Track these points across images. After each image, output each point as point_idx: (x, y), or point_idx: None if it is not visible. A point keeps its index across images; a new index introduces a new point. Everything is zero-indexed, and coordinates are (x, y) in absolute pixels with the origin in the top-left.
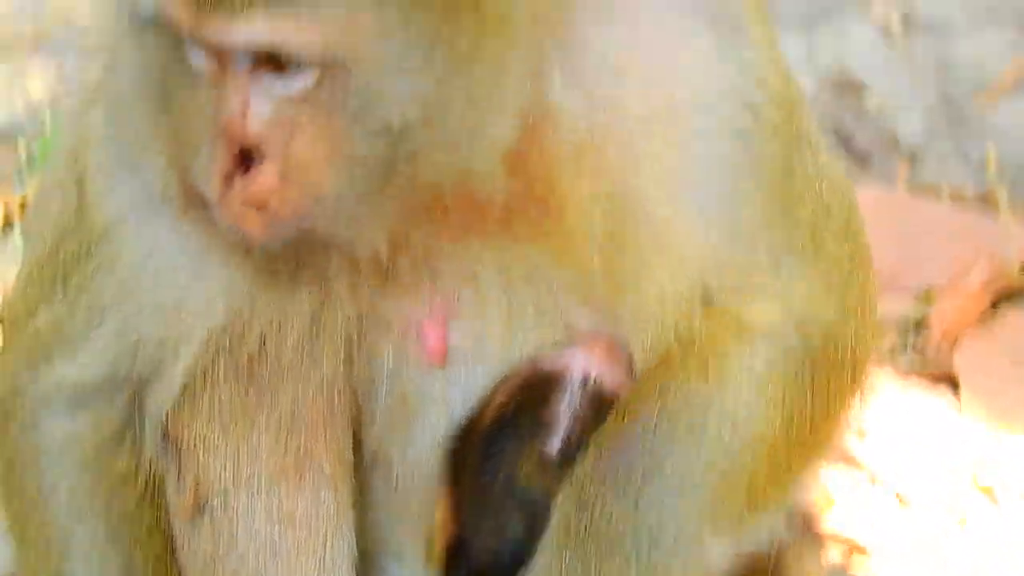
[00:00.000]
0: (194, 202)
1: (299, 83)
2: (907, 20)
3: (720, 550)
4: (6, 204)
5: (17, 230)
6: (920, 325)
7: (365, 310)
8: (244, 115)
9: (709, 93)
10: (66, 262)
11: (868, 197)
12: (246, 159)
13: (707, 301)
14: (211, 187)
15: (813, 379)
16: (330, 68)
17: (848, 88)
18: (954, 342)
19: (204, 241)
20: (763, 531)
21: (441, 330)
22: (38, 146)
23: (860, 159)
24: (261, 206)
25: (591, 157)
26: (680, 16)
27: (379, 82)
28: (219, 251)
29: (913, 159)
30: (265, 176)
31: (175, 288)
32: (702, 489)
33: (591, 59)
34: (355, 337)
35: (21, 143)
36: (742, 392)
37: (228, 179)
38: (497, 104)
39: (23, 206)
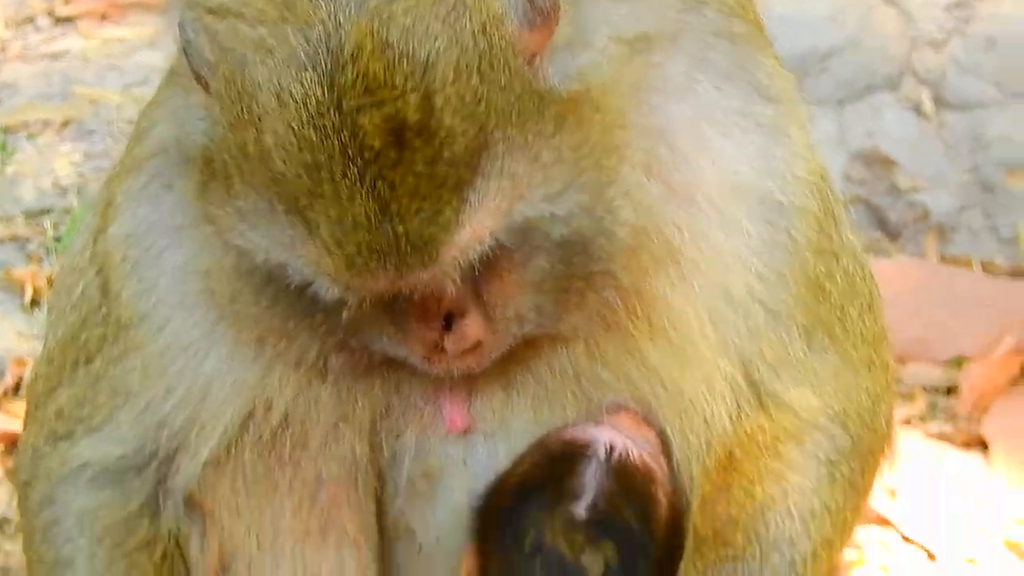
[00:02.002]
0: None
1: (483, 250)
2: (938, 98)
3: None
4: (35, 282)
5: (45, 308)
6: (951, 392)
7: (390, 391)
8: (440, 297)
9: (751, 181)
10: (89, 345)
11: (899, 268)
12: (446, 319)
13: (749, 383)
14: (417, 358)
15: (863, 475)
16: (508, 232)
17: (880, 164)
18: (984, 408)
19: (236, 329)
20: None
21: (463, 404)
22: (66, 225)
23: (892, 234)
24: (476, 349)
25: (668, 251)
26: (731, 114)
27: (549, 213)
28: (249, 339)
29: (944, 233)
30: (472, 326)
31: (203, 373)
32: None
33: (664, 144)
34: (379, 413)
35: (49, 222)
36: (816, 513)
37: (437, 346)
38: (623, 187)
39: (51, 284)
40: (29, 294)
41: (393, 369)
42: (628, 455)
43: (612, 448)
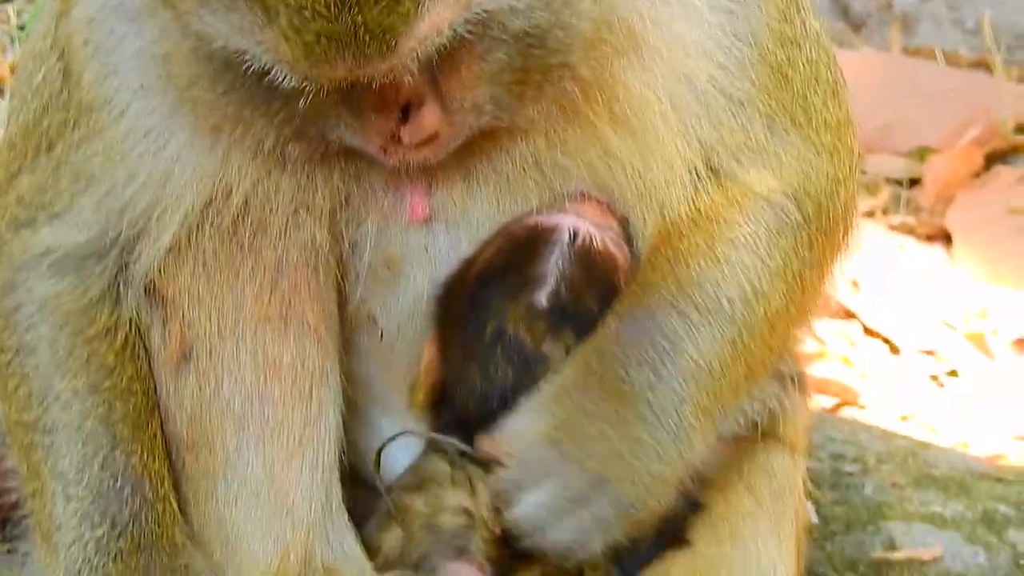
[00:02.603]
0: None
1: (441, 41)
2: None
3: (709, 436)
4: None
5: (8, 96)
6: (914, 183)
7: (350, 180)
8: (398, 87)
9: None
10: (50, 130)
11: (863, 59)
12: (403, 110)
13: (709, 169)
14: (375, 148)
15: (811, 249)
16: (466, 24)
17: None
18: (948, 200)
19: (194, 115)
20: (755, 399)
21: (423, 192)
22: (29, 13)
23: (855, 24)
24: (432, 140)
25: (630, 40)
26: None
27: (507, 5)
28: (206, 127)
29: (908, 24)
30: (429, 117)
31: (164, 159)
32: (712, 372)
33: None
34: (339, 202)
35: (12, 9)
36: (748, 266)
37: (394, 136)
38: None
39: (13, 71)
40: None
41: (352, 159)
42: (591, 241)
43: (576, 234)
